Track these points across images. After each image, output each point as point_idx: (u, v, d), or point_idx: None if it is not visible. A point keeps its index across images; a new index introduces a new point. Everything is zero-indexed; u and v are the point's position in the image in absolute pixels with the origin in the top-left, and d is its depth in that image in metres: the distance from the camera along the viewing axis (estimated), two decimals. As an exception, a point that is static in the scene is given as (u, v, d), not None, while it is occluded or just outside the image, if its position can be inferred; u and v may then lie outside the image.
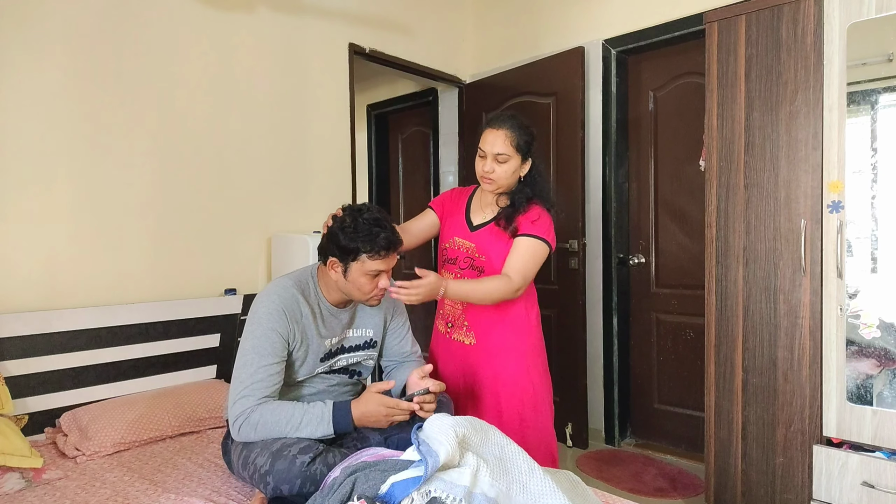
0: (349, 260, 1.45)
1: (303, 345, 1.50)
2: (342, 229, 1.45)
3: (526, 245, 1.71)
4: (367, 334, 1.66)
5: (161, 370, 2.14)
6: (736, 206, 1.98)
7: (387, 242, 1.45)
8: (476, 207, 1.86)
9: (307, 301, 1.52)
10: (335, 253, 1.47)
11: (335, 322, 1.58)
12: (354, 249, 1.43)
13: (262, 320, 1.44)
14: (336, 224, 1.48)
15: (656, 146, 2.93)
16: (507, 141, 1.70)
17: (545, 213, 1.76)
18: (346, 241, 1.44)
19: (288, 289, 1.50)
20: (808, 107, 1.82)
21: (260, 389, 1.39)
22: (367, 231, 1.43)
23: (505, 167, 1.71)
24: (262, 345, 1.42)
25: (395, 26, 3.08)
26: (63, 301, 1.95)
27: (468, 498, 1.05)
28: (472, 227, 1.83)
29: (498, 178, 1.72)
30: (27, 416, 1.81)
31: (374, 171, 4.34)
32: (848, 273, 1.76)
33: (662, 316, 2.92)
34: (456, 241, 1.83)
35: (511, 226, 1.73)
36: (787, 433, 1.88)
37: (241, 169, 2.44)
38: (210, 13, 2.33)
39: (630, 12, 2.81)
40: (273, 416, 1.36)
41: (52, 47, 1.93)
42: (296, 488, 1.25)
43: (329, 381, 1.61)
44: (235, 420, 1.38)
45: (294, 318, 1.48)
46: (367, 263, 1.44)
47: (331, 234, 1.48)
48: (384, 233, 1.45)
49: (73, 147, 1.98)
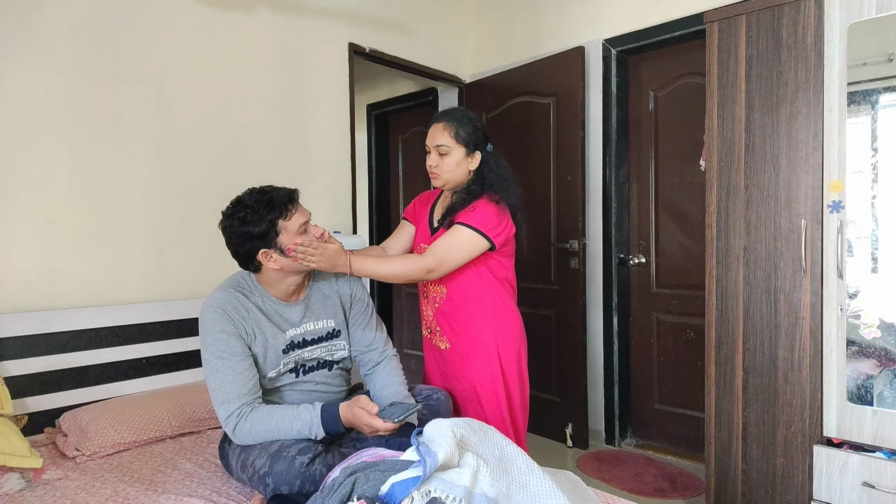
0: (274, 237, 1.41)
1: (258, 338, 1.46)
2: (245, 222, 1.40)
3: (454, 231, 1.65)
4: (327, 325, 1.59)
5: (161, 370, 2.13)
6: (736, 206, 1.98)
7: (285, 196, 1.43)
8: (438, 211, 1.83)
9: (249, 298, 1.49)
10: (259, 246, 1.42)
11: (289, 314, 1.54)
12: (270, 224, 1.40)
13: (208, 327, 1.42)
14: (234, 226, 1.41)
15: (657, 146, 2.93)
16: (446, 132, 1.69)
17: (489, 205, 1.67)
18: (258, 227, 1.39)
19: (223, 292, 1.47)
20: (808, 107, 1.82)
21: (234, 390, 1.38)
22: (264, 203, 1.40)
23: (447, 160, 1.70)
24: (216, 349, 1.40)
25: (395, 26, 3.08)
26: (63, 301, 1.95)
27: (468, 498, 1.05)
28: (432, 229, 1.80)
29: (442, 172, 1.71)
30: (27, 416, 1.81)
31: (374, 171, 4.34)
32: (848, 273, 1.75)
33: (663, 316, 2.91)
34: (422, 248, 1.79)
35: (448, 221, 1.69)
36: (788, 433, 1.87)
37: (241, 168, 2.44)
38: (210, 13, 2.33)
39: (630, 12, 2.81)
40: (265, 425, 1.36)
41: (52, 47, 1.93)
42: (295, 489, 1.25)
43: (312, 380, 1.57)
44: (226, 425, 1.38)
45: (238, 314, 1.44)
46: (288, 225, 1.42)
47: (240, 236, 1.41)
48: (273, 192, 1.43)
49: (72, 147, 1.98)
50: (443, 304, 1.79)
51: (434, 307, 1.82)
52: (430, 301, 1.83)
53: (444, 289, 1.78)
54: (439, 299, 1.80)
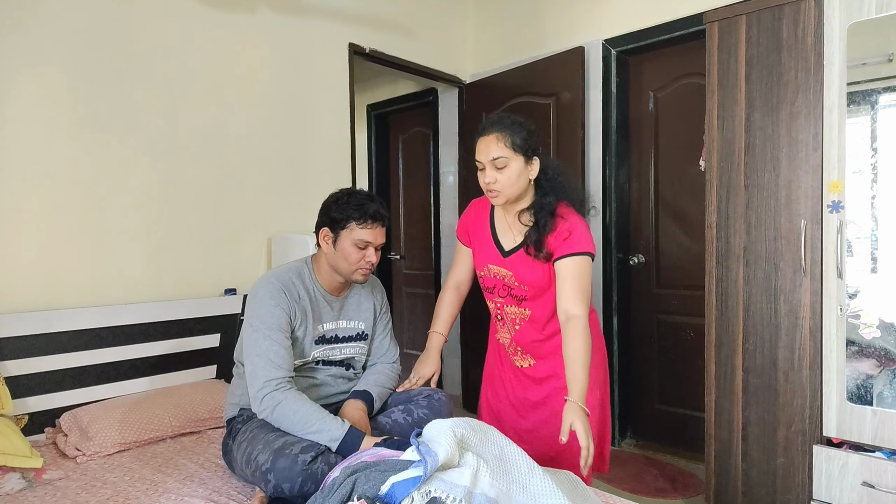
0: (339, 228, 1.54)
1: (302, 324, 1.56)
2: (336, 201, 1.56)
3: (569, 268, 1.54)
4: (358, 326, 1.70)
5: (161, 370, 2.13)
6: (736, 206, 1.98)
7: (375, 212, 1.54)
8: (503, 227, 1.67)
9: (304, 285, 1.59)
10: (326, 223, 1.57)
11: (328, 308, 1.64)
12: (345, 217, 1.53)
13: (265, 299, 1.51)
14: (331, 198, 1.58)
15: (657, 146, 2.93)
16: (501, 143, 1.52)
17: (575, 220, 1.57)
18: (337, 211, 1.54)
19: (285, 272, 1.58)
20: (808, 107, 1.82)
21: (280, 361, 1.44)
22: (358, 202, 1.54)
23: (507, 172, 1.53)
24: (270, 321, 1.48)
25: (395, 26, 3.08)
26: (63, 301, 1.95)
27: (468, 498, 1.05)
28: (503, 252, 1.65)
29: (503, 188, 1.54)
30: (27, 416, 1.81)
31: (374, 171, 4.34)
32: (848, 273, 1.76)
33: (663, 316, 2.92)
34: (491, 269, 1.67)
35: (542, 252, 1.56)
36: (788, 433, 1.88)
37: (242, 169, 2.44)
38: (210, 13, 2.33)
39: (630, 12, 2.81)
40: (293, 409, 1.39)
41: (53, 47, 1.93)
42: (297, 486, 1.25)
43: (328, 371, 1.64)
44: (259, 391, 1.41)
45: (293, 297, 1.54)
46: (355, 231, 1.53)
47: (324, 208, 1.59)
48: (374, 205, 1.55)
49: (73, 147, 1.98)
50: (524, 325, 1.66)
51: (514, 329, 1.69)
52: (509, 324, 1.70)
53: (527, 311, 1.65)
54: (519, 321, 1.67)
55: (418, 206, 4.07)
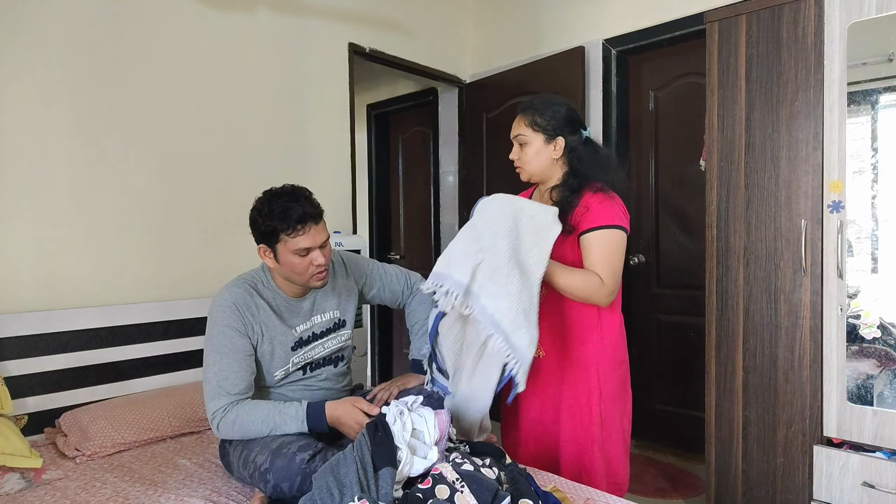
0: (273, 242, 1.41)
1: (265, 337, 1.47)
2: (259, 213, 1.41)
3: (595, 241, 1.49)
4: (333, 316, 1.61)
5: (161, 370, 2.14)
6: (736, 206, 1.98)
7: (300, 216, 1.38)
8: None
9: (261, 295, 1.49)
10: (259, 240, 1.44)
11: (297, 312, 1.54)
12: (272, 230, 1.39)
13: (217, 320, 1.44)
14: (253, 210, 1.44)
15: (657, 146, 2.93)
16: (523, 122, 1.60)
17: (603, 196, 1.53)
18: (264, 224, 1.40)
19: (237, 286, 1.48)
20: (808, 107, 1.82)
21: (228, 387, 1.40)
22: (280, 209, 1.38)
23: (527, 150, 1.60)
24: (220, 343, 1.42)
25: (395, 26, 3.08)
26: (63, 301, 1.95)
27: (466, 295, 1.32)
28: None
29: (524, 164, 1.62)
30: (27, 416, 1.81)
31: (374, 171, 4.34)
32: (848, 273, 1.75)
33: (663, 316, 2.91)
34: None
35: (565, 226, 1.46)
36: (788, 433, 1.87)
37: (241, 168, 2.44)
38: (210, 13, 2.33)
39: (630, 12, 2.81)
40: (249, 416, 1.38)
41: (52, 47, 1.93)
42: (296, 485, 1.25)
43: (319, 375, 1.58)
44: (212, 419, 1.40)
45: (249, 312, 1.45)
46: (289, 242, 1.39)
47: (251, 222, 1.44)
48: (297, 206, 1.38)
49: (72, 147, 1.98)
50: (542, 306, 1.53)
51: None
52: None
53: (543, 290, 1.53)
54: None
55: (418, 206, 4.06)
